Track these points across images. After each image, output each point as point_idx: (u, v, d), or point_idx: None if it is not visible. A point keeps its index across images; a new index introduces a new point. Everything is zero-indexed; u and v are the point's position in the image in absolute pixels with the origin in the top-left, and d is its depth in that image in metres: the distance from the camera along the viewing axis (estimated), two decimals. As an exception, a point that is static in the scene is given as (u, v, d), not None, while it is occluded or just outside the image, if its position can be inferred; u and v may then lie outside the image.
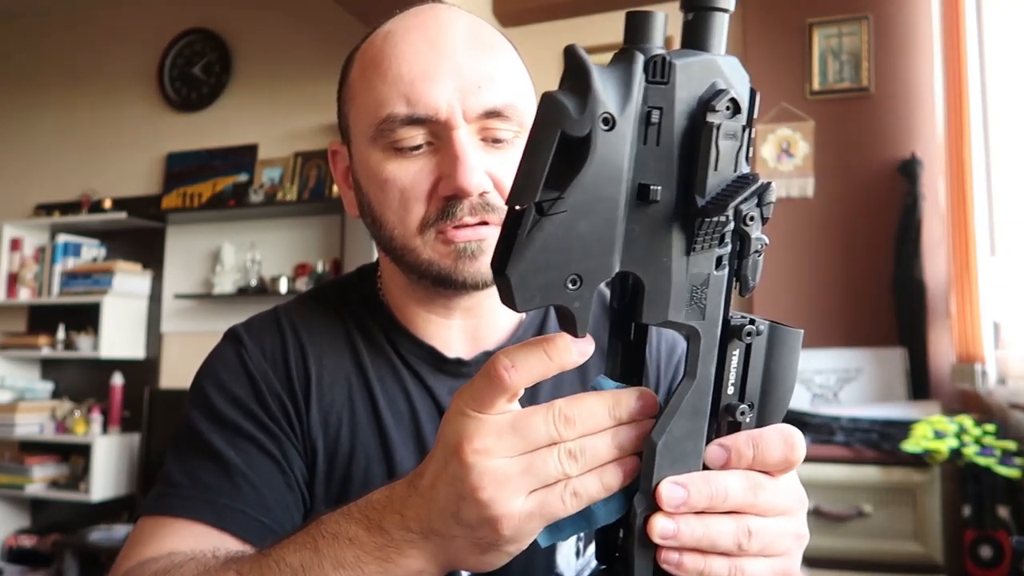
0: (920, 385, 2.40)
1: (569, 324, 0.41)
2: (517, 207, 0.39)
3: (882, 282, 2.51)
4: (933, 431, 1.94)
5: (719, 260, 0.42)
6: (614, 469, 0.43)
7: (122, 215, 3.48)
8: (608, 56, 0.43)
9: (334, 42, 3.37)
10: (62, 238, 3.61)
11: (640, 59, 0.40)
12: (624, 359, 0.46)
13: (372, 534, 0.47)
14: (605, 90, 0.39)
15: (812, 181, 2.63)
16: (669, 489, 0.42)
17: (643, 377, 0.47)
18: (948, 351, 2.41)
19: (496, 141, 0.68)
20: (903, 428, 2.01)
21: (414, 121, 0.66)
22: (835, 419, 2.13)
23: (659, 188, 0.40)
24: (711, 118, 0.40)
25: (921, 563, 1.93)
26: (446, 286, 0.70)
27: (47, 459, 3.46)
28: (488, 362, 0.42)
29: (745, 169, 0.41)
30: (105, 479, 3.33)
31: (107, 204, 3.62)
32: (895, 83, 2.58)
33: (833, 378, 2.44)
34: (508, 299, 0.39)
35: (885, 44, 2.61)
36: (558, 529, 0.44)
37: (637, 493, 0.43)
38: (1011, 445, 1.89)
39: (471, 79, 0.67)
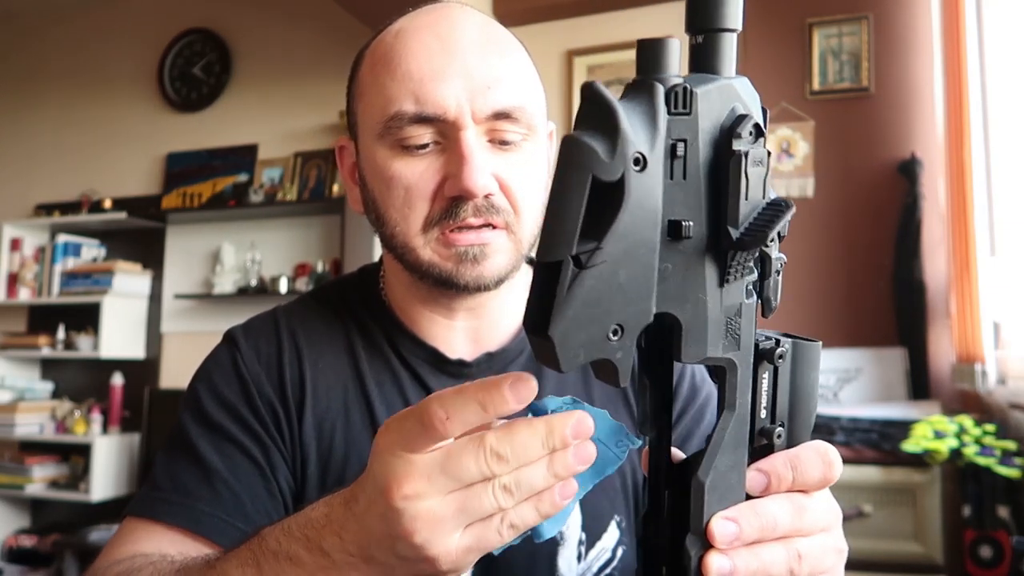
0: (920, 385, 2.40)
1: (610, 375, 0.39)
2: (550, 260, 0.36)
3: (882, 282, 2.51)
4: (933, 431, 1.94)
5: (748, 288, 0.41)
6: (550, 496, 0.42)
7: (122, 215, 3.48)
8: (608, 56, 0.42)
9: (334, 42, 3.37)
10: (62, 238, 3.61)
11: (661, 91, 0.37)
12: (654, 396, 0.45)
13: (313, 555, 0.46)
14: (633, 128, 0.36)
15: (812, 181, 2.63)
16: (721, 525, 0.41)
17: (672, 412, 0.46)
18: (948, 351, 2.41)
19: (504, 143, 0.68)
20: (903, 428, 2.01)
21: (422, 120, 0.66)
22: (835, 419, 2.13)
23: (690, 224, 0.38)
24: (738, 146, 0.38)
25: (921, 563, 1.93)
26: (447, 287, 0.69)
27: (47, 459, 3.46)
28: (421, 405, 0.41)
29: (772, 194, 0.40)
30: (105, 479, 3.33)
31: (107, 204, 3.62)
32: (895, 83, 2.58)
33: (833, 378, 2.44)
34: (551, 361, 0.37)
35: (885, 44, 2.61)
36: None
37: (689, 534, 0.42)
38: (1011, 445, 1.89)
39: (481, 80, 0.66)
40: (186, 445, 0.71)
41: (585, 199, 0.35)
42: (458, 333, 0.76)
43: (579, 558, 0.72)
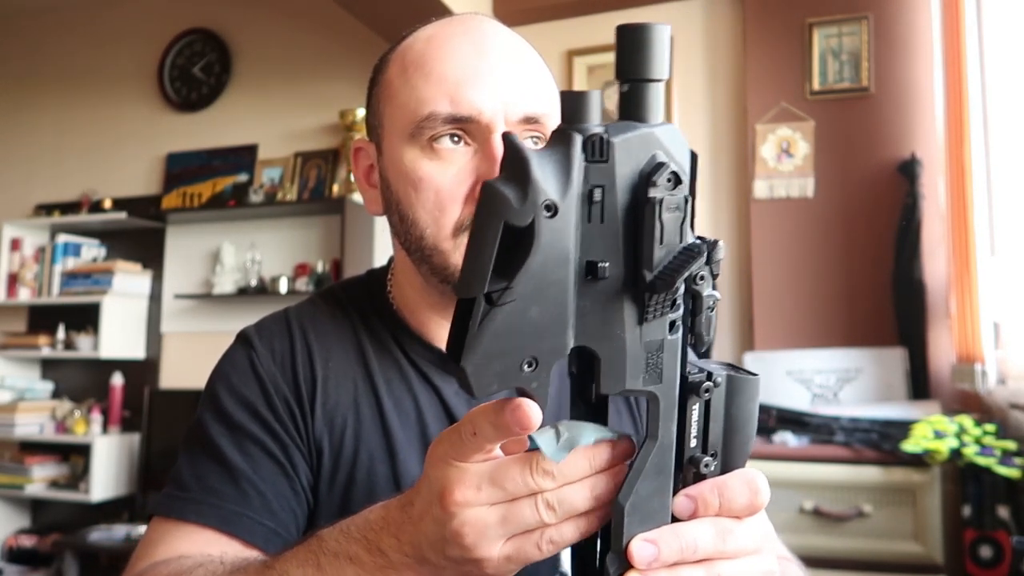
0: (920, 385, 2.40)
1: None
2: (465, 297, 0.40)
3: (882, 282, 2.51)
4: (933, 431, 1.94)
5: (672, 324, 0.43)
6: (592, 517, 0.44)
7: (122, 215, 3.48)
8: (608, 56, 0.43)
9: (334, 42, 3.37)
10: (62, 238, 3.61)
11: (578, 140, 0.40)
12: (585, 418, 0.47)
13: (372, 555, 0.49)
14: (545, 177, 0.39)
15: (812, 181, 2.63)
16: (640, 547, 0.42)
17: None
18: (948, 351, 2.41)
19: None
20: (903, 428, 2.01)
21: (456, 120, 0.68)
22: (835, 419, 2.13)
23: (607, 265, 0.41)
24: (653, 193, 0.40)
25: (921, 563, 1.93)
26: None
27: (47, 459, 3.46)
28: (461, 420, 0.44)
29: (690, 238, 0.42)
30: (105, 479, 3.33)
31: (107, 204, 3.62)
32: (895, 83, 2.58)
33: (833, 378, 2.44)
34: (465, 387, 0.40)
35: (885, 44, 2.61)
36: None
37: (609, 553, 0.43)
38: (1011, 445, 1.89)
39: (513, 85, 0.69)
40: (209, 445, 0.72)
41: (497, 241, 0.38)
42: None
43: None
